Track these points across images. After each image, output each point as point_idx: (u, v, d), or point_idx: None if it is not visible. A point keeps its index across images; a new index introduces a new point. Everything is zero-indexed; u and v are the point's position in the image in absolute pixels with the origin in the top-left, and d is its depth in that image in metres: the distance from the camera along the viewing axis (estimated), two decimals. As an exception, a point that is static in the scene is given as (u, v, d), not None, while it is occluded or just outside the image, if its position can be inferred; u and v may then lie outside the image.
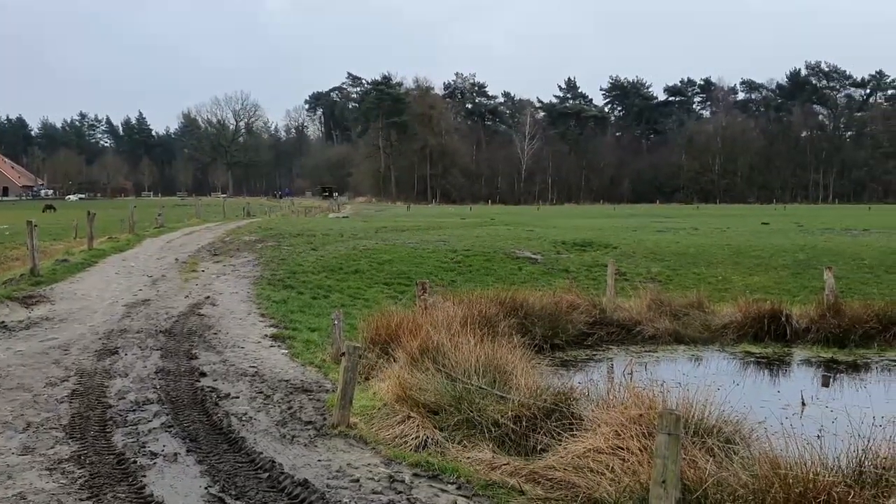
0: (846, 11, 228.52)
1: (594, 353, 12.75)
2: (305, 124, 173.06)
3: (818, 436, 6.70)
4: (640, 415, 6.34)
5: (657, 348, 12.93)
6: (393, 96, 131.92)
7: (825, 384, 11.13)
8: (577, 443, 6.37)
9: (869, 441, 5.54)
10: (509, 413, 7.18)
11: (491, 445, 6.85)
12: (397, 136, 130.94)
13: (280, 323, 13.10)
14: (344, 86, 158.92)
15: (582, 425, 6.86)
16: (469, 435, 7.05)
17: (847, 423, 6.47)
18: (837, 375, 11.49)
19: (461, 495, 5.80)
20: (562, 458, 6.20)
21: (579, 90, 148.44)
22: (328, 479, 6.08)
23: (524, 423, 7.14)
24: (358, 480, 6.05)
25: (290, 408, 8.12)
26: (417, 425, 7.20)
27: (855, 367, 11.84)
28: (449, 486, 6.00)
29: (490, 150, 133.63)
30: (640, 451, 5.82)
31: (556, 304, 13.65)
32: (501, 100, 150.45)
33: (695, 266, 21.51)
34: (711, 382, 8.84)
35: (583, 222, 43.11)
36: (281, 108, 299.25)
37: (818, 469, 5.04)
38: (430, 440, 6.99)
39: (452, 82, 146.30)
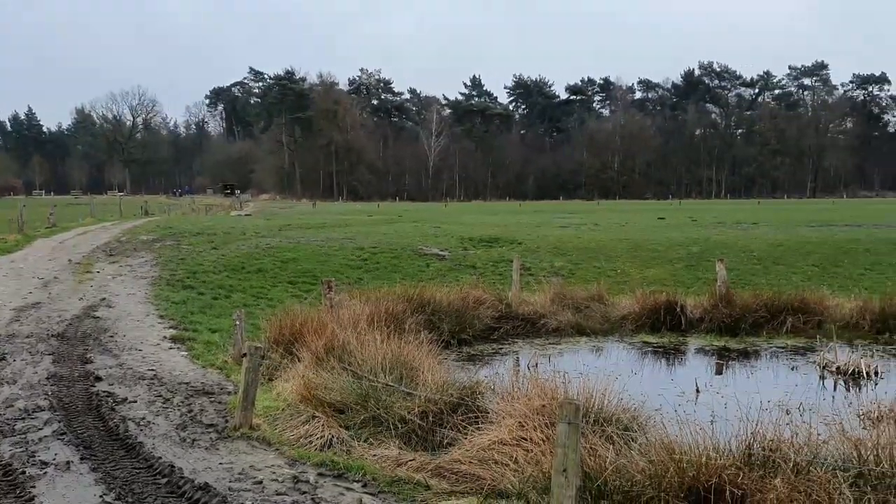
0: (736, 12, 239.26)
1: (500, 346, 12.92)
2: (206, 120, 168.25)
3: (711, 421, 6.96)
4: (543, 405, 6.46)
5: (560, 340, 13.21)
6: (297, 92, 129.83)
7: (718, 371, 11.62)
8: (482, 436, 6.45)
9: (757, 425, 5.82)
10: (416, 409, 7.20)
11: (397, 442, 6.85)
12: (302, 133, 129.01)
13: (180, 324, 12.72)
14: (246, 81, 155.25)
15: (487, 418, 6.94)
16: (375, 433, 7.03)
17: (737, 409, 6.77)
18: (729, 363, 12.02)
19: (366, 493, 5.78)
20: (467, 451, 6.26)
21: (484, 88, 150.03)
22: (230, 482, 5.94)
23: (431, 418, 7.17)
24: (261, 482, 5.94)
25: (190, 411, 7.90)
26: (322, 425, 7.13)
27: (745, 355, 12.41)
28: (354, 484, 5.97)
29: (397, 147, 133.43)
30: (543, 441, 5.94)
31: (463, 299, 13.77)
32: (408, 96, 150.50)
33: (595, 260, 22.10)
34: (611, 372, 9.12)
35: (489, 219, 43.62)
36: (180, 103, 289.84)
37: (710, 453, 5.26)
38: (335, 439, 6.93)
39: (357, 78, 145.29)
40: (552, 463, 5.00)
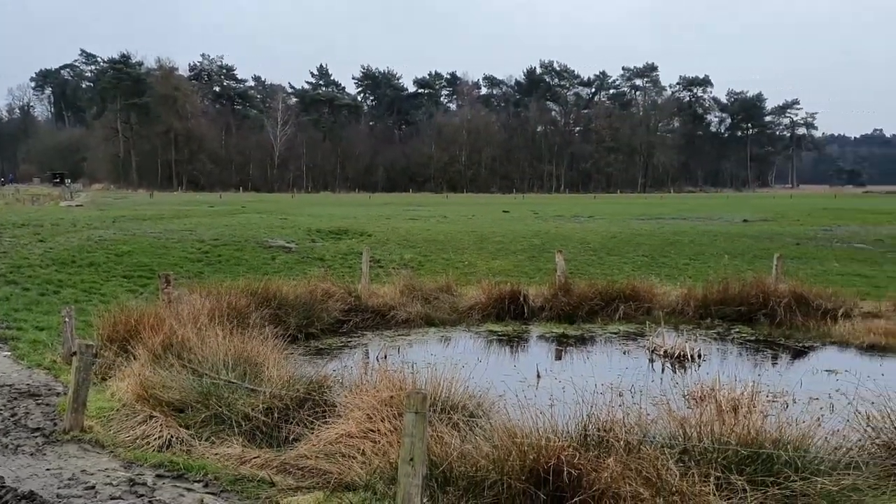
0: (572, 13, 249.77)
1: (349, 339, 12.85)
2: (32, 104, 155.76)
3: (551, 405, 7.25)
4: (391, 397, 6.50)
5: (410, 332, 13.32)
6: (133, 76, 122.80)
7: (558, 357, 12.13)
8: (329, 430, 6.40)
9: (592, 407, 6.12)
10: (261, 406, 7.04)
11: (241, 440, 6.67)
12: (138, 119, 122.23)
13: (2, 322, 11.78)
14: (77, 63, 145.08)
15: (335, 412, 6.90)
16: (218, 431, 6.80)
17: (574, 392, 7.08)
18: (568, 349, 12.58)
19: (208, 493, 5.59)
20: (314, 445, 6.19)
21: (332, 77, 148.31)
22: (59, 488, 5.56)
23: (276, 414, 7.04)
24: (94, 487, 5.60)
25: (13, 415, 7.33)
26: (161, 424, 6.81)
27: (582, 341, 13.03)
28: (195, 484, 5.75)
29: (240, 136, 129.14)
30: (391, 432, 5.97)
31: (310, 292, 13.56)
32: (252, 84, 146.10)
33: (444, 252, 22.45)
34: (458, 361, 9.30)
35: (338, 210, 43.25)
36: (1, 85, 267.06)
37: (550, 436, 5.48)
38: (175, 439, 6.65)
39: (199, 63, 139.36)
40: (399, 453, 5.03)
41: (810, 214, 41.24)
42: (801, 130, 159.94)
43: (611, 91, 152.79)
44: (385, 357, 10.96)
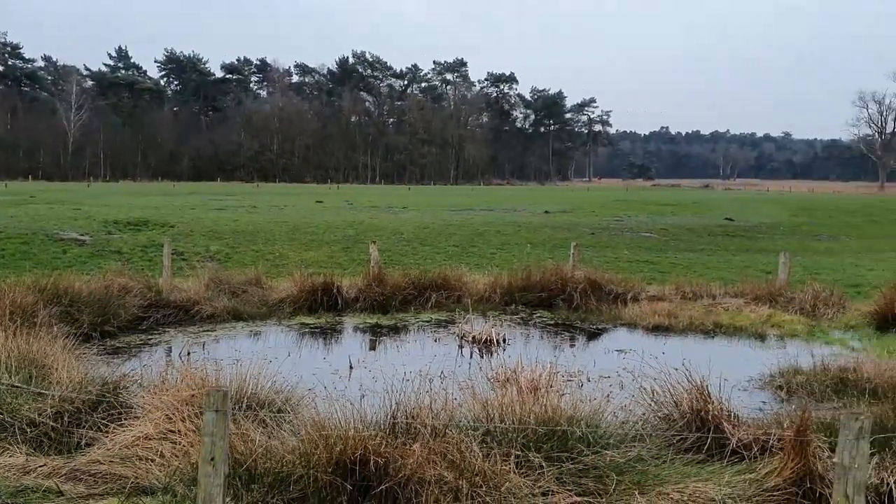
0: (384, 5, 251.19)
1: (150, 337, 12.20)
2: None
3: (361, 396, 7.29)
4: (193, 395, 6.25)
5: (216, 327, 12.86)
6: None
7: (372, 348, 12.21)
8: (125, 432, 6.06)
9: (401, 395, 6.22)
10: (49, 410, 6.54)
11: (25, 448, 6.16)
12: None
13: None
14: None
15: (133, 413, 6.55)
16: (-2, 440, 6.22)
17: (385, 382, 7.17)
18: (381, 338, 12.69)
19: (-15, 509, 5.10)
20: (108, 450, 5.83)
21: (132, 60, 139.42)
22: None
23: (67, 418, 6.57)
24: None
25: None
26: (-74, 439, 6.13)
27: (396, 330, 13.20)
28: (-31, 501, 5.23)
29: (29, 120, 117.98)
30: (192, 431, 5.75)
31: (106, 288, 12.75)
32: (42, 64, 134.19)
33: (253, 243, 21.87)
34: (267, 356, 9.13)
35: (139, 200, 40.77)
36: None
37: (357, 426, 5.51)
38: (-56, 453, 6.00)
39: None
40: (200, 453, 4.85)
41: (604, 206, 44.25)
42: (598, 127, 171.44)
43: (423, 84, 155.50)
44: (188, 354, 10.51)
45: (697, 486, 5.34)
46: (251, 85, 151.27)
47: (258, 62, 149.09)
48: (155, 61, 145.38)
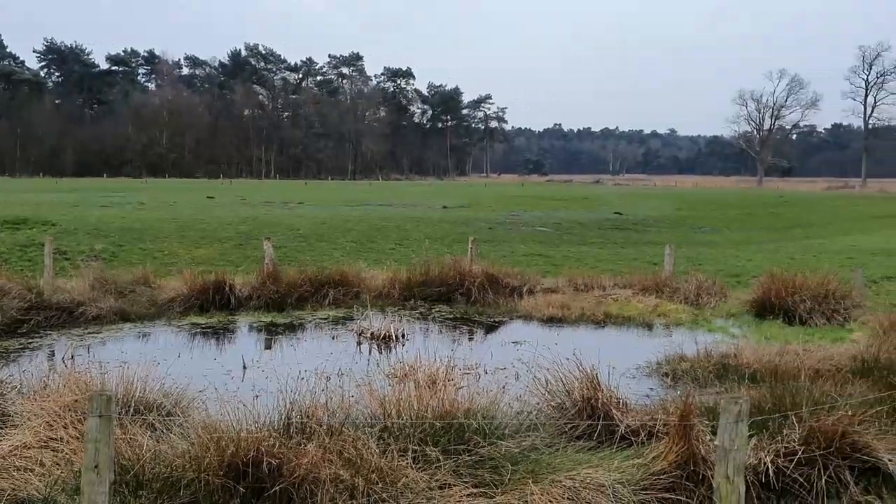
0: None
1: (30, 341, 11.56)
2: None
3: (255, 396, 7.14)
4: (76, 400, 5.97)
5: (102, 329, 12.32)
6: None
7: (267, 347, 11.95)
8: (1, 443, 5.71)
9: (296, 394, 6.13)
10: (-87, 423, 6.09)
11: None
12: None
13: None
14: None
15: (10, 422, 6.20)
16: None
17: (280, 381, 7.03)
18: (277, 337, 12.45)
19: None
20: (-18, 463, 5.49)
21: (8, 49, 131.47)
22: None
23: (-66, 431, 6.13)
24: None
25: None
26: None
27: (292, 328, 12.98)
28: None
29: None
30: (75, 439, 5.49)
31: (-22, 290, 12.00)
32: None
33: (141, 241, 21.07)
34: (156, 357, 8.83)
35: (18, 197, 38.50)
36: None
37: (251, 427, 5.40)
38: None
39: None
40: (83, 460, 4.64)
41: (501, 201, 44.95)
42: (494, 124, 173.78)
43: (318, 78, 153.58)
44: (72, 358, 10.03)
45: (588, 473, 5.50)
46: (139, 77, 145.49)
47: (146, 54, 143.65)
48: (34, 51, 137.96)
